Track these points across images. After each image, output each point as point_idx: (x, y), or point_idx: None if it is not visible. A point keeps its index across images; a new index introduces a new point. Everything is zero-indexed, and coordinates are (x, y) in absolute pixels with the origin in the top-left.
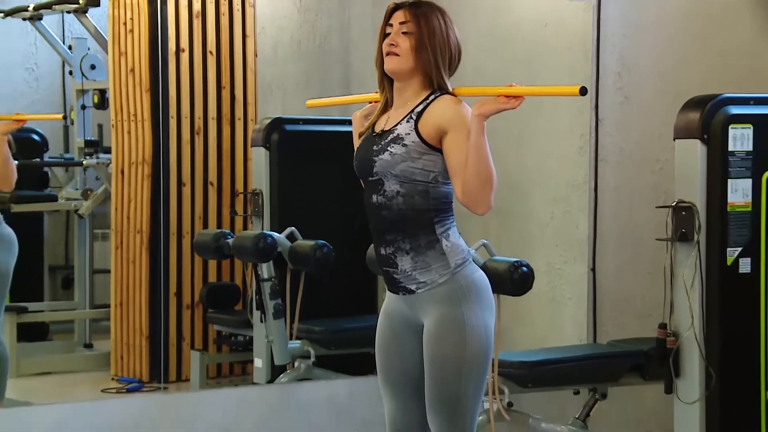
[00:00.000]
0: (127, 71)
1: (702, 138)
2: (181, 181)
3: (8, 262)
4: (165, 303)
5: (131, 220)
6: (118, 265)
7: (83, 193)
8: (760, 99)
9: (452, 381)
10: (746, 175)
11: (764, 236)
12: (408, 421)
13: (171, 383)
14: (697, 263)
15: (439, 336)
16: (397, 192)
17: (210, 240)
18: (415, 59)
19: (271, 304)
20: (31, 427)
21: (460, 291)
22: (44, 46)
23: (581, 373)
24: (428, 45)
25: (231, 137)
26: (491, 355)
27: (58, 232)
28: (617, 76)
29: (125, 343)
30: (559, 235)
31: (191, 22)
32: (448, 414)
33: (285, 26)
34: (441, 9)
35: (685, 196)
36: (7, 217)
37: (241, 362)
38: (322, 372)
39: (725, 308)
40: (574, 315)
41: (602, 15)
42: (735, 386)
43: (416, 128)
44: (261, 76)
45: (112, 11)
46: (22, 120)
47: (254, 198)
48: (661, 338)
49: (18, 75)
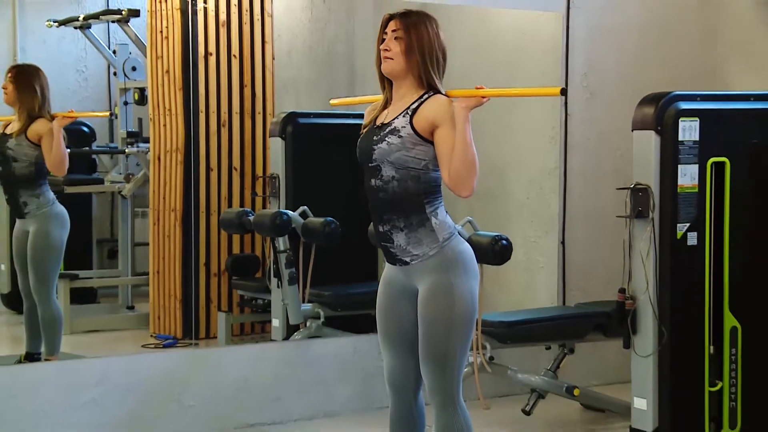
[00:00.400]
0: (162, 72)
1: (656, 129)
2: (209, 166)
3: (62, 236)
4: (195, 271)
5: (166, 200)
6: (155, 238)
7: (125, 177)
8: (705, 96)
9: (442, 338)
10: (693, 161)
11: (708, 214)
12: (403, 373)
13: (201, 340)
14: (652, 237)
15: (431, 300)
16: (392, 177)
17: (234, 217)
18: (406, 61)
19: (286, 272)
20: (82, 376)
21: (448, 261)
22: (92, 51)
23: (552, 331)
24: (416, 49)
25: (252, 129)
26: (476, 316)
27: (105, 210)
28: (584, 77)
29: (161, 305)
30: (533, 213)
31: (218, 30)
32: (438, 366)
33: (298, 34)
34: (430, 17)
35: (641, 179)
36: (60, 198)
37: (260, 322)
38: (330, 330)
39: (675, 275)
40: (546, 281)
41: (570, 24)
42: (683, 342)
43: (411, 122)
44: (277, 76)
45: (150, 21)
46: (74, 116)
47: (272, 181)
48: (621, 301)
49: (70, 76)
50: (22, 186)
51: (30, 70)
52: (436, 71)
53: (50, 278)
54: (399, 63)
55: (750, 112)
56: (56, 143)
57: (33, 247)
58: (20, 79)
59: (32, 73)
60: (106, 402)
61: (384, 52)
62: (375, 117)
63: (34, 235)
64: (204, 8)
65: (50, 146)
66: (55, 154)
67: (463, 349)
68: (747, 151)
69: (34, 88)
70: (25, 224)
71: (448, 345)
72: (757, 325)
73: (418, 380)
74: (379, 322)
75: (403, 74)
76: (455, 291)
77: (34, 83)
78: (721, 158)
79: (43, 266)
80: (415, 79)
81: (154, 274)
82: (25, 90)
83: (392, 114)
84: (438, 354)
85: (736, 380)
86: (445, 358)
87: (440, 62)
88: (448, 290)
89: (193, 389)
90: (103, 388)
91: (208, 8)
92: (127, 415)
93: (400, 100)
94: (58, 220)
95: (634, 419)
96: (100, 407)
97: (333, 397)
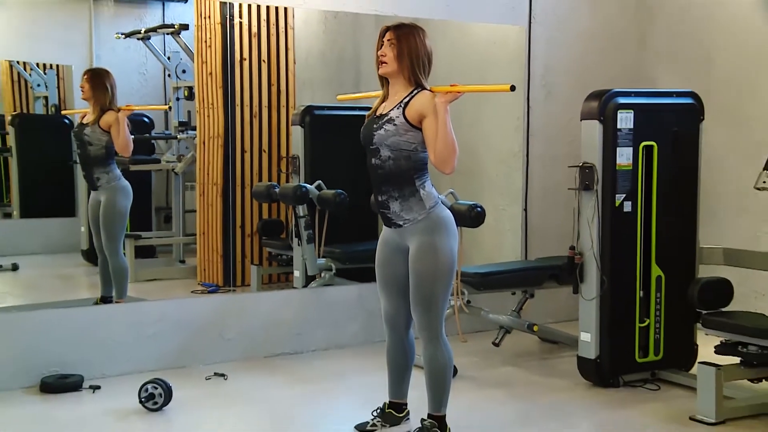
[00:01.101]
0: (206, 74)
1: (599, 119)
2: (243, 149)
3: (127, 205)
4: (233, 232)
5: (209, 175)
6: (201, 206)
7: (178, 158)
8: (638, 92)
9: (428, 286)
10: (629, 145)
11: (640, 186)
12: (397, 313)
13: (237, 287)
14: (596, 205)
15: (419, 257)
16: (388, 157)
17: (263, 189)
18: (398, 64)
19: (305, 234)
20: (144, 315)
21: (434, 225)
22: (151, 57)
23: (516, 280)
24: (406, 54)
25: (277, 119)
26: (455, 269)
27: (161, 184)
28: (542, 77)
29: (206, 259)
30: (502, 187)
31: (250, 40)
32: (425, 308)
33: (314, 43)
34: (418, 28)
35: (587, 159)
36: (126, 174)
37: (284, 273)
38: (339, 280)
39: (614, 235)
40: (511, 241)
41: (532, 36)
42: (619, 288)
43: (404, 113)
44: (298, 76)
45: (196, 33)
46: (134, 108)
47: (293, 161)
48: (571, 256)
49: (134, 77)
50: (96, 165)
51: (101, 72)
52: (422, 72)
53: (118, 238)
54: (392, 66)
55: (672, 105)
56: (122, 130)
57: (104, 213)
58: (94, 80)
59: (103, 75)
60: (163, 336)
61: (381, 57)
62: (375, 109)
63: (104, 204)
64: (239, 23)
65: (118, 133)
66: (122, 139)
67: (445, 294)
68: (670, 136)
69: (105, 86)
70: (98, 195)
71: (433, 291)
72: (676, 274)
73: (409, 319)
74: (378, 273)
75: (396, 74)
76: (439, 249)
77: (105, 82)
78: (650, 142)
79: (112, 228)
80: (406, 78)
81: (200, 234)
82: (98, 88)
83: (389, 106)
84: (425, 299)
85: (660, 318)
86: (430, 302)
87: (425, 65)
88: (433, 248)
89: (231, 326)
90: (160, 325)
91: (242, 23)
92: (180, 346)
93: (395, 95)
94: (124, 192)
95: (581, 349)
96: (159, 340)
97: (342, 333)
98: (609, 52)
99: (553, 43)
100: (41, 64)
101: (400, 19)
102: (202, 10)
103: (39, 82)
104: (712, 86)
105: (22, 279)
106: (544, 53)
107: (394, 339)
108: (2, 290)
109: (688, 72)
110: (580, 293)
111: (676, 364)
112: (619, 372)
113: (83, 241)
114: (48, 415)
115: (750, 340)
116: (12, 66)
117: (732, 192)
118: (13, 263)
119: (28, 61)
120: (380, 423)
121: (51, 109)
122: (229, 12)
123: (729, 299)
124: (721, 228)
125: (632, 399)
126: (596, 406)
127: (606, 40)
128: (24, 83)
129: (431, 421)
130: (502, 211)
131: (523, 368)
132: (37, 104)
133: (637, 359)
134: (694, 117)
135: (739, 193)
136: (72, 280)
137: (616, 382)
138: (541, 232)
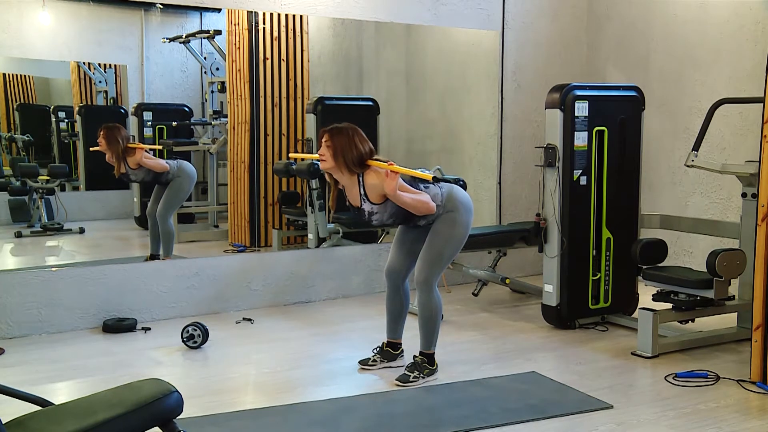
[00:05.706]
0: (236, 71)
1: (560, 108)
2: (266, 133)
3: (191, 186)
4: (257, 202)
5: (239, 155)
6: (232, 180)
7: (212, 140)
8: (592, 86)
9: (440, 246)
10: (584, 129)
11: (594, 163)
12: (398, 266)
13: (261, 247)
14: (558, 179)
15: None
16: (393, 220)
17: (282, 166)
18: (334, 160)
19: (317, 203)
20: (186, 270)
21: (452, 205)
22: (191, 58)
23: (492, 241)
24: (339, 151)
25: (294, 108)
26: (465, 240)
27: (199, 162)
28: (513, 73)
29: (236, 224)
30: (480, 163)
31: (272, 42)
32: (430, 263)
33: (325, 44)
34: (350, 128)
35: (551, 141)
36: (170, 154)
37: (300, 235)
38: (346, 241)
39: (572, 204)
40: (488, 208)
41: (504, 39)
42: (576, 248)
43: (370, 201)
44: (311, 73)
45: (228, 37)
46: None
47: (307, 143)
48: (537, 222)
49: (177, 74)
50: (155, 180)
51: (113, 128)
52: (355, 161)
53: (173, 209)
54: (330, 162)
55: (619, 97)
56: (150, 165)
57: (172, 187)
58: (108, 137)
59: (115, 131)
60: (201, 287)
61: (320, 156)
62: (344, 194)
63: (173, 183)
64: (263, 28)
65: (149, 167)
66: (155, 168)
67: (450, 257)
68: (617, 123)
69: (117, 140)
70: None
71: (442, 252)
72: (622, 236)
73: (407, 272)
74: (396, 236)
75: (335, 168)
76: (457, 221)
77: (117, 137)
78: (601, 127)
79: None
80: (346, 169)
81: (231, 203)
82: (112, 143)
83: (356, 200)
84: (433, 255)
85: (609, 272)
86: (436, 260)
87: (354, 156)
88: (452, 219)
89: (256, 279)
90: (198, 278)
91: (266, 28)
92: (214, 296)
93: (351, 186)
94: (189, 176)
95: (544, 298)
96: (197, 290)
97: (348, 285)
98: (567, 53)
99: (522, 45)
100: (102, 64)
101: (379, 25)
102: (232, 18)
103: (101, 79)
104: (649, 81)
105: (87, 240)
106: (514, 53)
107: (391, 287)
108: (72, 249)
109: (630, 70)
110: (544, 252)
111: (621, 309)
112: (575, 316)
113: (136, 209)
114: (109, 350)
115: (680, 289)
116: (79, 66)
117: (667, 168)
118: (80, 227)
119: (92, 62)
120: (379, 358)
121: (110, 101)
122: (255, 20)
123: (664, 256)
124: (658, 198)
125: (586, 338)
126: (556, 344)
127: (564, 43)
128: (88, 80)
129: (422, 357)
130: (480, 184)
131: (497, 314)
132: (99, 97)
133: (590, 306)
134: (636, 107)
135: (672, 169)
136: (127, 241)
137: (572, 324)
138: (512, 201)
